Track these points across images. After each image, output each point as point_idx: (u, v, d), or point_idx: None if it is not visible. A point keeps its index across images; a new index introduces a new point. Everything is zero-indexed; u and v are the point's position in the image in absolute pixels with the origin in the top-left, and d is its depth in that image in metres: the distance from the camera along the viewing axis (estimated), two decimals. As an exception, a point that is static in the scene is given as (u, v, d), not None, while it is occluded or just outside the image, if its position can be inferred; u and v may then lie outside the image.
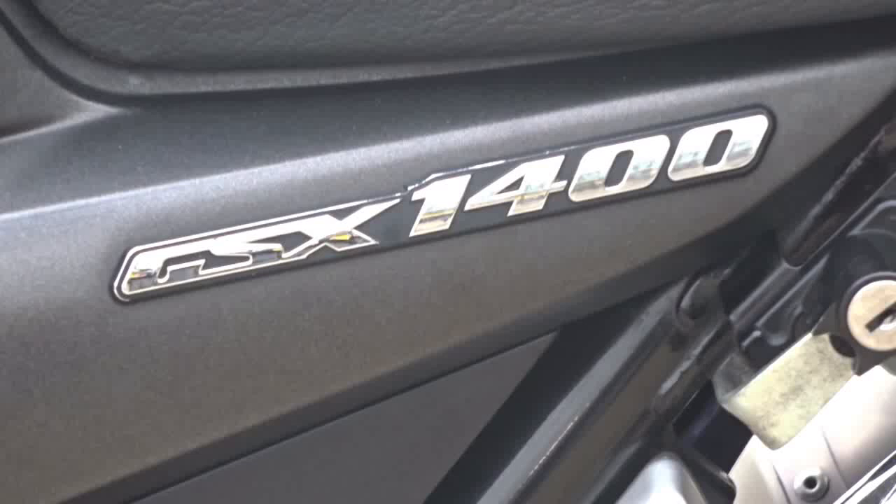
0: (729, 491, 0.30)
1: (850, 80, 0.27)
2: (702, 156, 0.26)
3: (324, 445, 0.34)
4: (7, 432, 0.29)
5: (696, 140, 0.26)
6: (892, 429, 0.45)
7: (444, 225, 0.26)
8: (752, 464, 0.49)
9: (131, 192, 0.27)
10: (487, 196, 0.26)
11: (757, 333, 0.28)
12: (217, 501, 0.31)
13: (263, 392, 0.29)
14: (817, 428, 0.40)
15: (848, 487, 0.32)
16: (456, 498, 0.31)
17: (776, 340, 0.28)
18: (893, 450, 0.32)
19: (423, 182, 0.26)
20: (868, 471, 0.31)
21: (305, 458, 0.34)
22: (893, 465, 0.30)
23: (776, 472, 0.52)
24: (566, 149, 0.27)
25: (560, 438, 0.30)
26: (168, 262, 0.27)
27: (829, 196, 0.28)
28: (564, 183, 0.26)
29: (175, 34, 0.26)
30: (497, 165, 0.26)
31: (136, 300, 0.27)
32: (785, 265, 0.28)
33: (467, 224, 0.26)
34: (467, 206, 0.26)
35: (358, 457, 0.35)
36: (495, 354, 0.30)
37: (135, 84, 0.27)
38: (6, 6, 0.26)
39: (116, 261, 0.26)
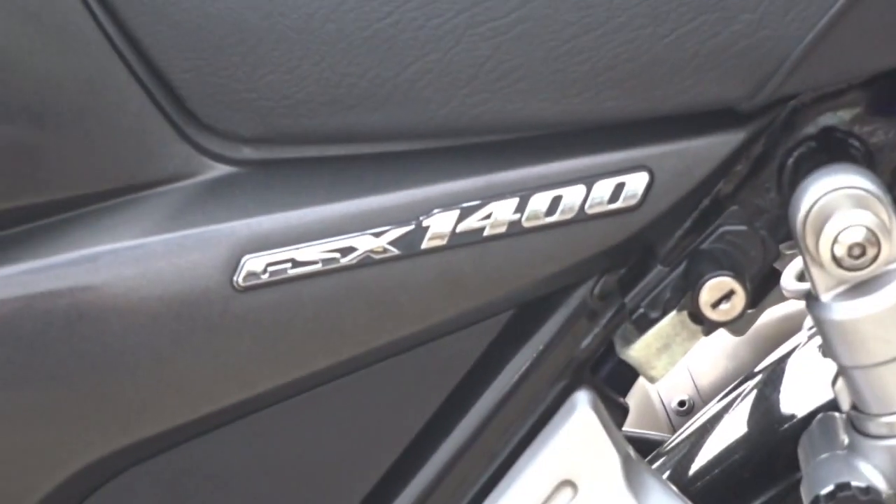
0: (624, 409, 0.44)
1: (702, 149, 0.39)
2: (606, 197, 0.39)
3: (293, 415, 0.43)
4: (143, 380, 0.42)
5: (603, 187, 0.39)
6: (733, 370, 0.60)
7: (442, 241, 0.39)
8: (645, 392, 0.65)
9: (244, 221, 0.39)
10: (470, 223, 0.39)
11: (641, 310, 0.40)
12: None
13: (308, 355, 0.41)
14: (685, 369, 0.53)
15: (705, 405, 0.45)
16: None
17: (653, 315, 0.40)
18: (733, 382, 0.45)
19: (429, 214, 0.39)
20: (717, 395, 0.45)
21: (277, 427, 0.43)
22: (733, 392, 0.43)
23: (660, 397, 0.69)
24: (520, 193, 0.40)
25: (510, 386, 0.42)
26: (268, 264, 0.39)
27: (688, 223, 0.40)
28: (518, 215, 0.39)
29: (274, 120, 0.39)
30: (475, 204, 0.39)
31: (246, 290, 0.39)
32: (660, 267, 0.41)
33: (457, 241, 0.39)
34: (457, 230, 0.39)
35: (325, 428, 0.44)
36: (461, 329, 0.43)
37: (247, 152, 0.40)
38: (165, 102, 0.39)
39: (235, 264, 0.39)
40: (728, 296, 0.39)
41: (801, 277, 0.42)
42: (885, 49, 0.39)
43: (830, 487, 0.39)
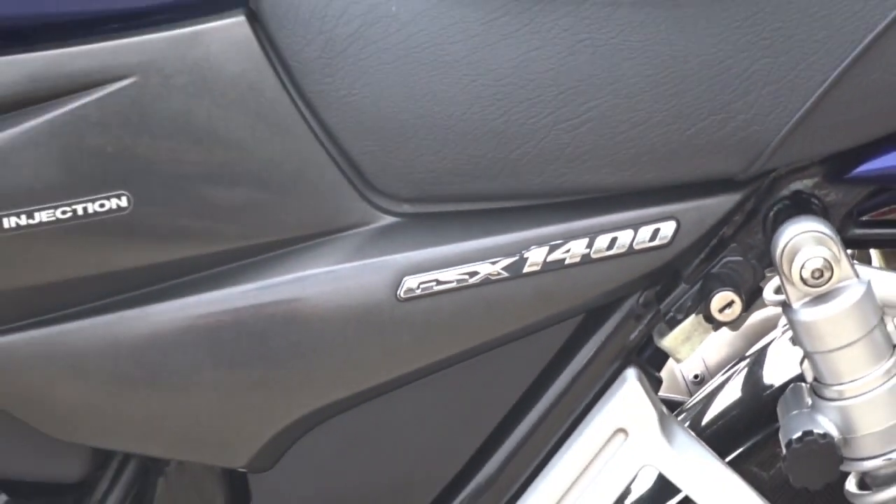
0: (659, 381, 0.61)
1: (712, 205, 0.55)
2: (647, 238, 0.56)
3: (420, 394, 0.59)
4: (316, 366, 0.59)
5: (645, 231, 0.55)
6: (731, 353, 0.79)
7: (537, 268, 0.55)
8: (671, 369, 0.85)
9: (404, 254, 0.55)
10: (555, 255, 0.55)
11: (671, 314, 0.57)
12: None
13: (445, 344, 0.57)
14: (698, 353, 0.70)
15: (712, 378, 0.63)
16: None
17: (679, 317, 0.57)
18: (731, 362, 0.63)
19: (528, 249, 0.55)
20: (720, 371, 0.62)
21: (409, 402, 0.59)
22: (731, 369, 0.61)
23: (681, 372, 0.90)
24: (589, 235, 0.56)
25: (582, 366, 0.59)
26: (420, 283, 0.55)
27: (703, 255, 0.57)
28: (588, 250, 0.55)
29: (425, 187, 0.56)
30: (559, 242, 0.55)
31: (405, 301, 0.55)
32: (683, 284, 0.58)
33: (547, 268, 0.55)
34: (547, 260, 0.55)
35: (444, 402, 0.60)
36: (549, 327, 0.59)
37: (406, 208, 0.56)
38: (350, 173, 0.55)
39: (398, 282, 0.55)
40: (730, 304, 0.57)
41: (777, 291, 0.59)
42: (839, 138, 0.56)
43: (799, 433, 0.56)
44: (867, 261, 0.67)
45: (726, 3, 0.54)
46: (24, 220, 0.54)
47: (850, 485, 0.59)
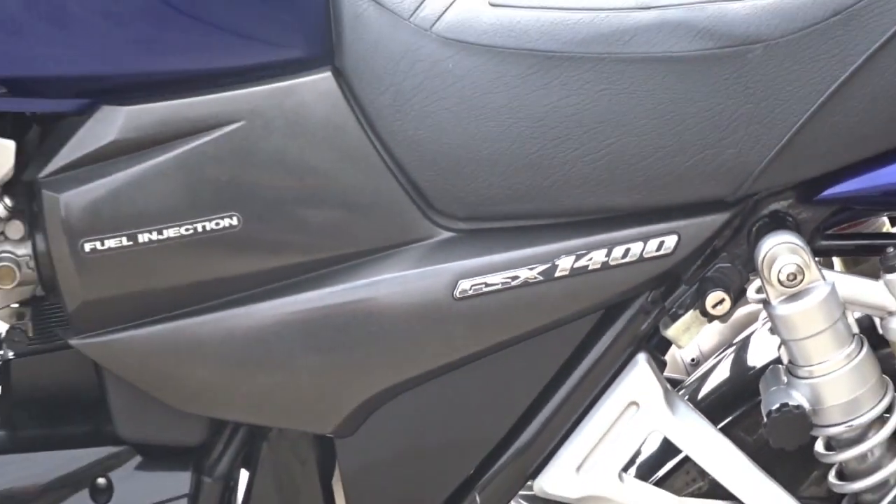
0: (664, 363, 0.74)
1: (707, 222, 0.68)
2: (654, 249, 0.68)
3: (466, 379, 0.71)
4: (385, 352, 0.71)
5: (653, 243, 0.68)
6: (721, 341, 0.92)
7: (566, 273, 0.68)
8: (673, 353, 0.97)
9: (459, 262, 0.67)
10: (580, 263, 0.67)
11: (674, 309, 0.70)
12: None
13: (493, 334, 0.70)
14: (695, 341, 0.82)
15: (706, 362, 0.76)
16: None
17: (681, 312, 0.70)
18: (721, 348, 0.76)
19: (559, 258, 0.68)
20: (713, 355, 0.76)
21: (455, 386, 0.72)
22: (721, 353, 0.74)
23: (681, 356, 1.03)
24: (608, 246, 0.68)
25: (602, 351, 0.71)
26: (472, 285, 0.68)
27: (699, 262, 0.70)
28: (607, 258, 0.67)
29: (476, 208, 0.68)
30: (583, 252, 0.67)
31: (460, 300, 0.68)
32: (684, 286, 0.70)
33: (574, 273, 0.67)
34: (574, 266, 0.67)
35: (489, 383, 0.72)
36: (574, 321, 0.72)
37: (461, 225, 0.69)
38: (416, 197, 0.68)
39: (454, 284, 0.67)
40: (721, 301, 0.69)
41: (759, 291, 0.71)
42: (808, 168, 0.68)
43: (777, 405, 0.69)
44: (830, 266, 0.79)
45: (718, 60, 0.67)
46: (154, 236, 0.67)
47: (819, 447, 0.72)
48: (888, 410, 0.70)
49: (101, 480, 0.71)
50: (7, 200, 0.67)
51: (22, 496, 0.71)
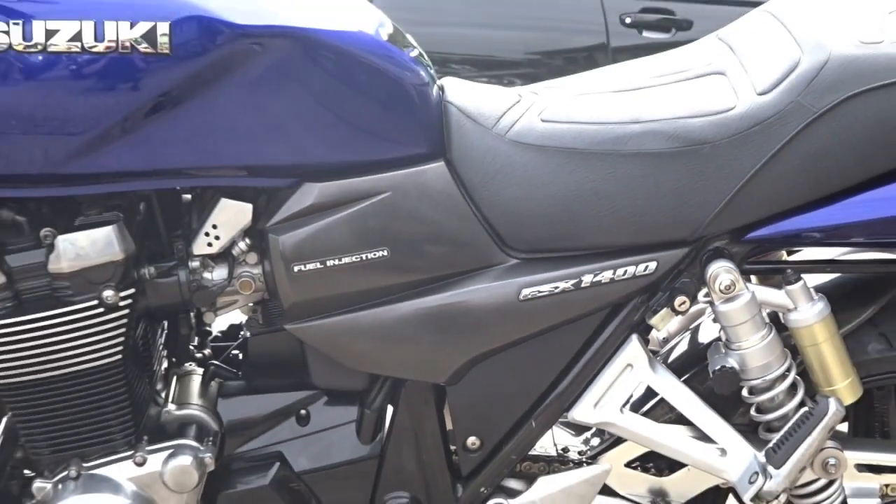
0: (648, 341, 1.15)
1: (675, 254, 1.09)
2: (641, 271, 1.08)
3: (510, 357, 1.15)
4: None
5: (641, 267, 1.08)
6: (683, 326, 1.30)
7: (587, 285, 1.09)
8: (653, 334, 1.35)
9: (522, 278, 1.08)
10: (596, 279, 1.09)
11: (654, 308, 1.11)
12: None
13: (538, 323, 1.11)
14: (667, 326, 1.22)
15: (672, 339, 1.18)
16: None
17: (659, 309, 1.11)
18: (683, 331, 1.17)
19: (584, 276, 1.09)
20: (678, 335, 1.17)
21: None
22: (683, 335, 1.15)
23: (657, 336, 1.41)
24: (613, 268, 1.09)
25: (609, 334, 1.13)
26: (531, 291, 1.08)
27: (669, 279, 1.10)
28: (613, 277, 1.08)
29: (534, 244, 1.09)
30: (595, 272, 1.08)
31: (523, 302, 1.09)
32: (660, 293, 1.11)
33: (590, 286, 1.09)
34: (591, 283, 1.09)
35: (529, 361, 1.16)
36: (590, 315, 1.13)
37: (522, 255, 1.10)
38: (495, 238, 1.08)
39: (519, 291, 1.08)
40: (684, 302, 1.11)
41: (706, 296, 1.11)
42: (739, 220, 1.08)
43: (718, 367, 1.10)
44: (750, 281, 1.17)
45: (682, 154, 1.07)
46: (336, 262, 1.07)
47: (745, 393, 1.13)
48: (788, 370, 1.11)
49: (302, 411, 1.15)
50: (247, 240, 1.10)
51: (253, 422, 1.14)
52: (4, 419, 1.11)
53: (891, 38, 1.06)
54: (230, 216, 1.07)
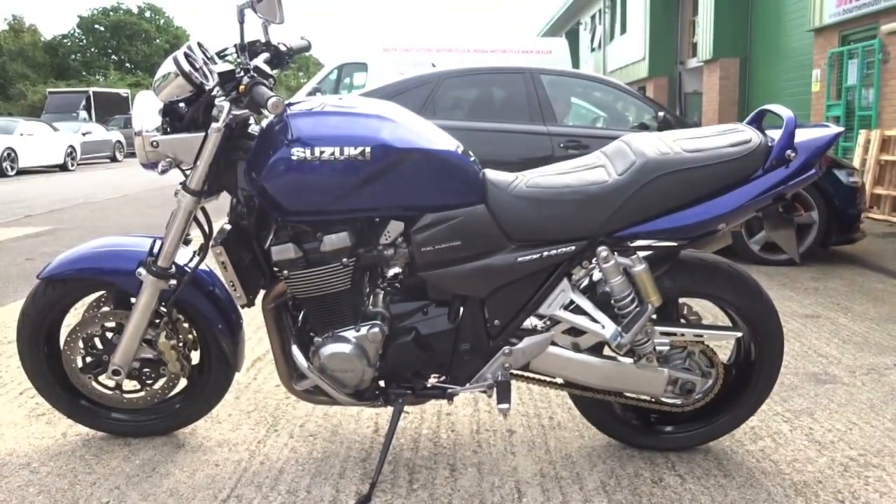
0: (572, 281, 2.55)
1: (580, 244, 2.47)
2: (573, 248, 2.47)
3: None
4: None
5: (564, 248, 2.47)
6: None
7: (551, 256, 2.48)
8: None
9: (518, 252, 2.48)
10: (551, 252, 2.48)
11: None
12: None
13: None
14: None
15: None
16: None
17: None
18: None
19: (546, 251, 2.48)
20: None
21: None
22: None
23: None
24: (559, 247, 2.47)
25: (553, 280, 2.53)
26: (523, 256, 2.49)
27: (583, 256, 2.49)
28: (558, 252, 2.46)
29: (524, 238, 2.47)
30: (552, 249, 2.47)
31: (518, 263, 2.51)
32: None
33: (551, 256, 2.48)
34: (552, 254, 2.48)
35: None
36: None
37: (517, 243, 2.49)
38: (506, 237, 2.46)
39: (516, 258, 2.50)
40: (587, 265, 2.50)
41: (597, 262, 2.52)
42: (621, 224, 2.48)
43: (603, 290, 2.49)
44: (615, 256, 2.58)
45: (583, 199, 2.44)
46: (436, 247, 2.46)
47: (612, 302, 2.53)
48: (630, 293, 2.56)
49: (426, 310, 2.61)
50: (401, 238, 2.54)
51: (408, 314, 2.55)
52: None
53: (675, 150, 2.45)
54: (395, 227, 2.50)
